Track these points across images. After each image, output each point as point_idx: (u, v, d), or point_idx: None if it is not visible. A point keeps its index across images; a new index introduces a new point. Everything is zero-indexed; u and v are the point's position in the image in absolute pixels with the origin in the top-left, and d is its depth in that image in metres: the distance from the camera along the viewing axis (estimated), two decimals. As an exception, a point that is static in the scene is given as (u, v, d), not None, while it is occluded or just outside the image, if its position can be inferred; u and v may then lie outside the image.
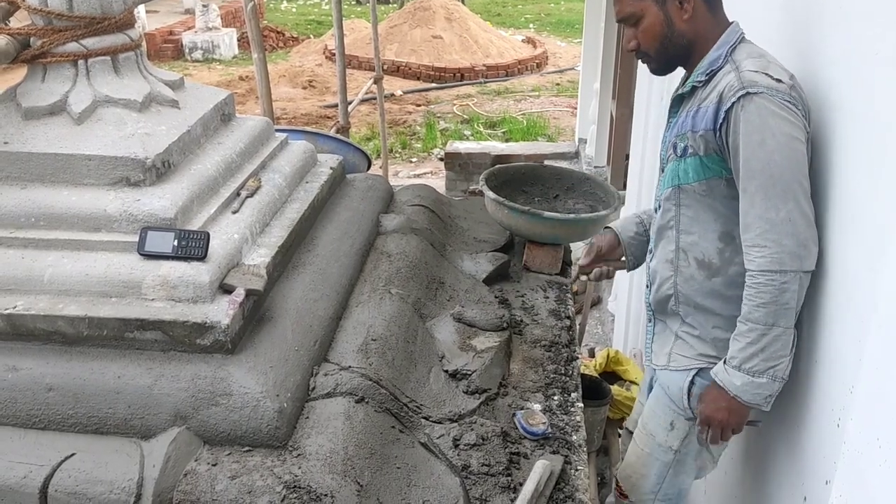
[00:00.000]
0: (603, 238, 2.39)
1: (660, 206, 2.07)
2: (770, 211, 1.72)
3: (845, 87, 1.70)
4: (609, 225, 2.39)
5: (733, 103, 1.75)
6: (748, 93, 1.73)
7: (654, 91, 4.11)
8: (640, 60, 2.02)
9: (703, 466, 2.18)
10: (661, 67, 2.01)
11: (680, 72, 2.06)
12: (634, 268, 2.43)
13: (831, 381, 1.69)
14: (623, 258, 2.42)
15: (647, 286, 2.19)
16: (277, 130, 2.52)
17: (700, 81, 1.89)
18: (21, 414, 1.62)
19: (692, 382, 2.04)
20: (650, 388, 2.29)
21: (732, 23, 1.91)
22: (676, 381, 2.08)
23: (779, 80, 1.74)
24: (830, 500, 1.49)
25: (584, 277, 2.34)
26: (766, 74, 1.74)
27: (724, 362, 1.87)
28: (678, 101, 2.01)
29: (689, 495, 2.28)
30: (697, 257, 1.98)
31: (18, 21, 1.94)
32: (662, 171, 2.06)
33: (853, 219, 1.62)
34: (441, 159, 8.88)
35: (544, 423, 1.88)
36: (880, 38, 1.51)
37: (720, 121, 1.79)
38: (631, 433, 2.47)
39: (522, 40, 16.28)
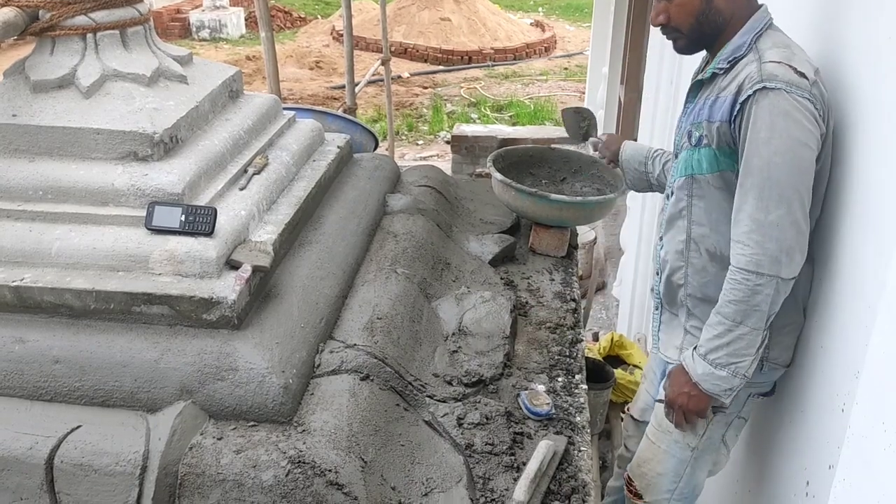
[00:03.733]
0: (609, 142, 2.48)
1: (672, 194, 2.01)
2: (760, 212, 1.68)
3: (868, 80, 1.67)
4: (625, 144, 2.43)
5: (749, 96, 1.69)
6: (765, 87, 1.66)
7: (663, 75, 4.09)
8: (666, 36, 1.94)
9: (717, 461, 2.14)
10: (689, 45, 1.92)
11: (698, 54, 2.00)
12: (629, 188, 2.50)
13: (837, 366, 1.69)
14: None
15: (657, 273, 2.14)
16: (285, 108, 2.51)
17: (721, 69, 1.82)
18: (28, 385, 1.63)
19: None
20: (662, 376, 2.23)
21: (762, 6, 1.84)
22: None
23: (801, 75, 1.67)
24: (834, 485, 1.50)
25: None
26: (790, 66, 1.68)
27: (694, 348, 1.87)
28: (697, 87, 1.93)
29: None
30: (709, 249, 1.93)
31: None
32: (677, 156, 2.01)
33: (864, 206, 1.61)
34: (447, 142, 8.86)
35: (548, 403, 1.88)
36: None
37: (735, 112, 1.74)
38: (634, 420, 2.45)
39: (531, 24, 16.19)
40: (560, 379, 2.02)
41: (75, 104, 1.85)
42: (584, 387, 2.02)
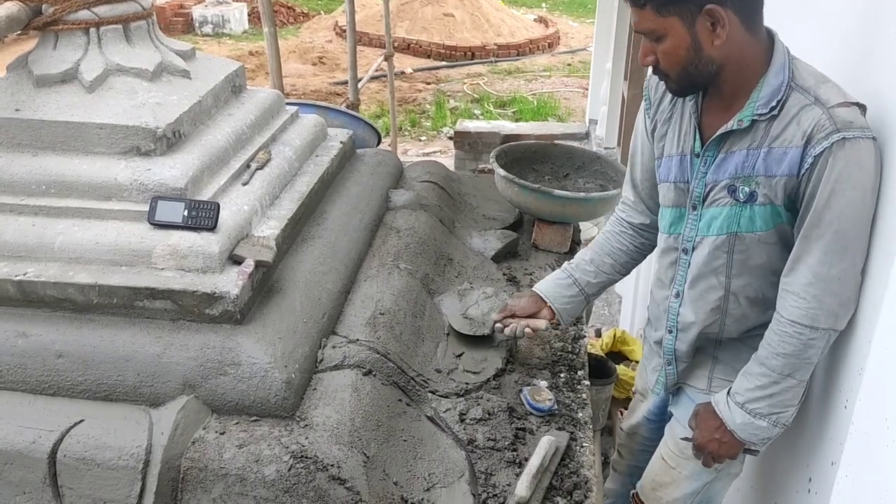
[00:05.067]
0: (518, 302, 2.04)
1: (692, 250, 1.83)
2: (823, 266, 1.57)
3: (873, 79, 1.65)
4: (534, 288, 2.07)
5: (825, 148, 1.53)
6: (844, 138, 1.51)
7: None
8: (656, 76, 1.76)
9: (737, 473, 2.06)
10: (681, 90, 1.74)
11: None
12: (566, 324, 2.10)
13: (840, 363, 1.68)
14: (548, 318, 2.04)
15: (670, 331, 1.94)
16: (288, 104, 2.51)
17: (762, 115, 1.62)
18: (31, 380, 1.63)
19: None
20: (663, 403, 2.15)
21: (774, 36, 1.65)
22: None
23: (862, 108, 1.56)
24: (836, 481, 1.50)
25: (498, 328, 2.01)
26: (855, 105, 1.55)
27: (728, 393, 1.77)
28: (721, 136, 1.70)
29: None
30: (750, 296, 1.79)
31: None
32: (694, 208, 1.80)
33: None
34: (450, 138, 8.84)
35: (550, 399, 1.88)
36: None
37: (806, 166, 1.56)
38: (629, 435, 2.39)
39: (534, 20, 16.15)
40: (562, 375, 2.02)
41: (78, 99, 1.85)
42: (587, 383, 2.02)
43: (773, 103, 1.61)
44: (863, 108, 1.56)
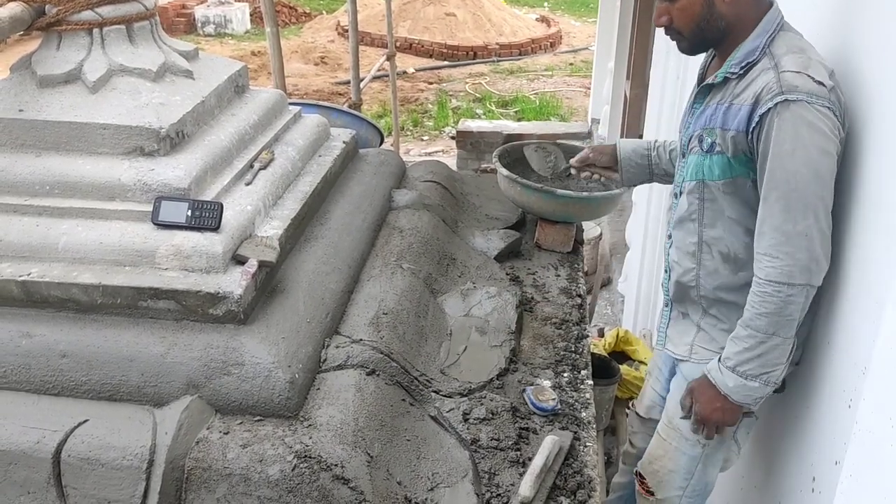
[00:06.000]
0: (600, 149, 2.40)
1: (679, 194, 1.99)
2: (787, 223, 1.67)
3: (881, 78, 1.65)
4: (618, 141, 2.38)
5: (769, 109, 1.66)
6: (787, 99, 1.63)
7: (669, 71, 4.08)
8: (669, 37, 1.91)
9: (728, 458, 2.13)
10: (692, 48, 1.90)
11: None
12: (625, 185, 2.44)
13: (844, 362, 1.68)
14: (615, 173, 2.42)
15: (666, 271, 2.13)
16: (291, 104, 2.51)
17: (733, 73, 1.78)
18: (35, 380, 1.63)
19: None
20: (670, 374, 2.23)
21: (772, 5, 1.79)
22: None
23: (820, 83, 1.64)
24: (840, 480, 1.50)
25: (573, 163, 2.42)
26: (808, 76, 1.64)
27: (719, 360, 1.85)
28: (706, 90, 1.89)
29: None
30: (722, 251, 1.91)
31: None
32: (684, 156, 1.99)
33: (873, 202, 1.60)
34: (453, 138, 8.84)
35: (554, 399, 1.88)
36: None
37: (753, 124, 1.71)
38: (639, 417, 2.45)
39: (536, 19, 16.14)
40: (566, 374, 2.02)
41: (82, 99, 1.86)
42: (590, 382, 2.02)
43: (744, 63, 1.76)
44: (820, 83, 1.63)
